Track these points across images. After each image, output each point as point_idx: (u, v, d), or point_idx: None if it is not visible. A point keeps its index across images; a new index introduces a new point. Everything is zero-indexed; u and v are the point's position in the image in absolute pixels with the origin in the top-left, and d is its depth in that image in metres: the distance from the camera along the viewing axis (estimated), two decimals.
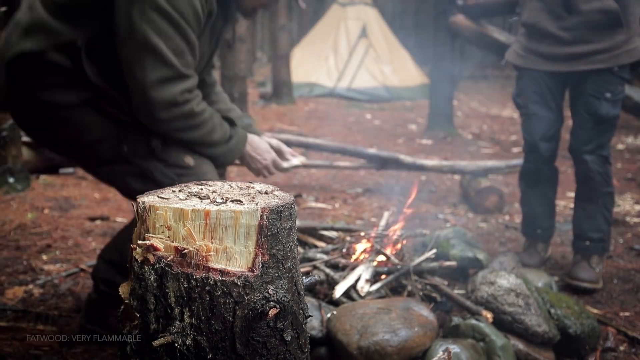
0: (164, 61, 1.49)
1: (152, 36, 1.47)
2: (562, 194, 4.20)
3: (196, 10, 1.53)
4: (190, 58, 1.56)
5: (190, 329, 0.88)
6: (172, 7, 1.47)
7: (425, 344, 1.65)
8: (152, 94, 1.50)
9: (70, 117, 1.60)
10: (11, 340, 1.89)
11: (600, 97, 2.40)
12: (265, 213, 0.90)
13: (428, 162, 4.08)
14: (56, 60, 1.55)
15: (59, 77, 1.58)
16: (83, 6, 1.56)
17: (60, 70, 1.57)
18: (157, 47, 1.48)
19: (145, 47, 1.48)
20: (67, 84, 1.58)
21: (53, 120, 1.62)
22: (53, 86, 1.58)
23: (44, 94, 1.58)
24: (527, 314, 1.80)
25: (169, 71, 1.50)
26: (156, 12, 1.47)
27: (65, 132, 1.64)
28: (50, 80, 1.58)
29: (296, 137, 4.61)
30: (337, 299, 1.85)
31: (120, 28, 1.50)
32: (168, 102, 1.52)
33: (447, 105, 6.85)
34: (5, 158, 3.72)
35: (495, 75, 14.80)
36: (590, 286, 2.45)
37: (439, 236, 2.35)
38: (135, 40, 1.48)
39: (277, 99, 9.31)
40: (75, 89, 1.58)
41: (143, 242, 0.87)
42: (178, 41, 1.51)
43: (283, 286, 0.94)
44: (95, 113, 1.61)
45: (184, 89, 1.53)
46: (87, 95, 1.59)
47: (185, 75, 1.54)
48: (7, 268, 2.53)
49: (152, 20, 1.47)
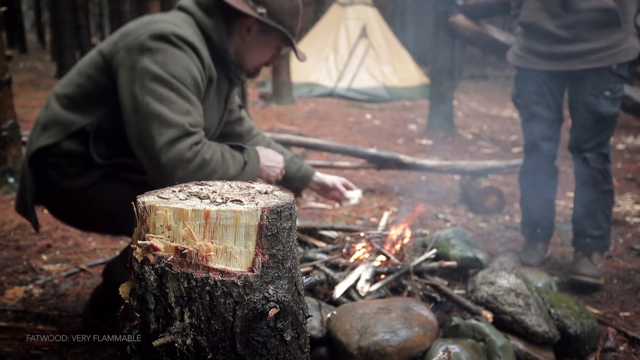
0: (169, 124, 1.51)
1: (154, 104, 1.51)
2: (562, 194, 4.19)
3: (194, 76, 1.57)
4: (197, 117, 1.58)
5: (190, 329, 0.88)
6: (169, 74, 1.52)
7: (425, 344, 1.65)
8: (163, 158, 1.51)
9: (93, 196, 1.69)
10: (11, 340, 1.89)
11: (599, 95, 2.40)
12: (265, 213, 0.90)
13: (428, 162, 4.08)
14: (70, 148, 1.65)
15: (75, 163, 1.67)
16: (91, 94, 1.65)
17: (75, 157, 1.67)
18: (161, 113, 1.51)
19: (149, 116, 1.51)
20: (83, 169, 1.68)
21: (80, 203, 1.71)
22: (72, 174, 1.68)
23: (66, 183, 1.68)
24: (527, 314, 1.80)
25: (175, 131, 1.51)
26: (155, 82, 1.51)
27: (94, 209, 1.71)
28: (68, 169, 1.67)
29: (296, 137, 4.60)
30: (337, 299, 1.85)
31: (125, 107, 1.55)
32: (179, 160, 1.53)
33: (447, 105, 6.85)
34: (5, 158, 3.72)
35: (495, 75, 14.80)
36: (593, 281, 2.45)
37: (439, 236, 2.35)
38: (140, 113, 1.52)
39: (277, 99, 9.31)
40: (90, 171, 1.68)
41: (143, 242, 0.87)
42: (181, 103, 1.54)
43: (283, 286, 0.94)
44: (114, 182, 1.70)
45: (192, 143, 1.54)
46: (102, 173, 1.69)
47: (192, 133, 1.55)
48: (7, 268, 2.53)
49: (152, 90, 1.51)
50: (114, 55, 1.60)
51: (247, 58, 1.78)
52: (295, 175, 2.11)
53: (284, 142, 4.43)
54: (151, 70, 1.51)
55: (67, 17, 11.76)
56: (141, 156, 1.55)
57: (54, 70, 12.30)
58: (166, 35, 1.55)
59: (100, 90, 1.64)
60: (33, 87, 10.19)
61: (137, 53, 1.54)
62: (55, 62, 12.99)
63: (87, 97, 1.66)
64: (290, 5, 1.72)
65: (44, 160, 1.67)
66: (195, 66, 1.58)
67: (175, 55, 1.54)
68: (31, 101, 8.35)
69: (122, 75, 1.56)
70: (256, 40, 1.75)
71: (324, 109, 9.03)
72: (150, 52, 1.53)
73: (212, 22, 1.68)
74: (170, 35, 1.55)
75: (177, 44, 1.56)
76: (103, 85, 1.63)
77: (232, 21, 1.71)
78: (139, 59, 1.53)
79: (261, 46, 1.77)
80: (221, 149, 1.64)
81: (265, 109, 8.76)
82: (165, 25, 1.58)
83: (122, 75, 1.56)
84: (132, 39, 1.57)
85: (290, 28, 1.74)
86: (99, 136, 1.66)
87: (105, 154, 1.68)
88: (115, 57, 1.59)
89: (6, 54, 3.85)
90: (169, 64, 1.53)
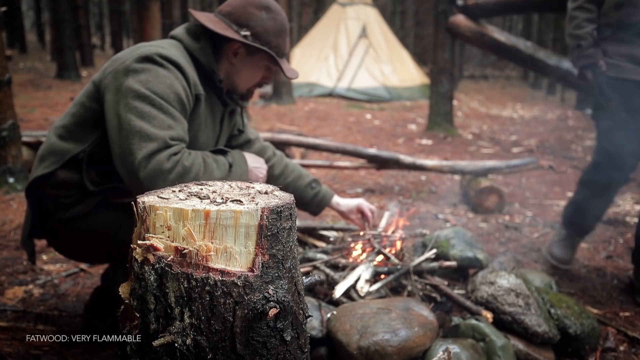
0: (150, 138, 1.50)
1: (135, 121, 1.51)
2: (562, 194, 4.20)
3: (177, 92, 1.57)
4: (180, 132, 1.57)
5: (190, 329, 0.88)
6: (151, 91, 1.53)
7: (425, 344, 1.65)
8: (142, 172, 1.49)
9: (89, 227, 1.69)
10: (11, 340, 1.89)
11: None
12: (265, 213, 0.90)
13: (428, 162, 4.08)
14: (65, 177, 1.67)
15: (72, 193, 1.68)
16: (84, 121, 1.67)
17: (70, 187, 1.67)
18: (142, 128, 1.50)
19: (130, 132, 1.50)
20: (79, 198, 1.69)
21: (77, 233, 1.71)
22: (68, 204, 1.68)
23: (62, 213, 1.68)
24: (527, 314, 1.80)
25: (154, 144, 1.50)
26: (137, 100, 1.52)
27: (91, 240, 1.71)
28: (63, 199, 1.68)
29: (296, 137, 4.60)
30: (337, 299, 1.85)
31: (110, 128, 1.55)
32: (159, 171, 1.51)
33: (447, 105, 6.85)
34: (5, 158, 3.72)
35: (495, 75, 14.80)
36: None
37: (439, 236, 2.35)
38: (123, 130, 1.52)
39: (277, 99, 9.31)
40: (85, 199, 1.69)
41: (143, 242, 0.87)
42: (163, 118, 1.53)
43: (283, 286, 0.94)
44: (107, 209, 1.70)
45: (170, 153, 1.53)
46: (96, 201, 1.69)
47: (172, 145, 1.54)
48: (7, 268, 2.53)
49: (134, 107, 1.51)
50: (102, 80, 1.63)
51: (237, 81, 1.80)
52: (311, 201, 2.16)
53: (284, 142, 4.43)
54: (134, 89, 1.53)
55: (67, 17, 11.76)
56: (124, 174, 1.54)
57: (54, 70, 12.30)
58: (150, 56, 1.57)
59: (92, 117, 1.66)
60: (33, 87, 10.19)
61: (122, 75, 1.56)
62: (55, 62, 12.99)
63: (81, 125, 1.68)
64: (274, 24, 1.73)
65: (42, 191, 1.69)
66: (180, 83, 1.59)
67: (159, 74, 1.56)
68: (31, 101, 8.35)
69: (108, 97, 1.58)
70: (244, 63, 1.77)
71: (324, 109, 9.03)
72: (134, 73, 1.55)
73: (199, 45, 1.71)
74: (154, 55, 1.58)
75: (161, 63, 1.58)
76: (94, 111, 1.65)
77: (220, 46, 1.75)
78: (124, 81, 1.55)
79: (250, 68, 1.78)
80: (202, 155, 1.64)
81: (265, 109, 8.76)
82: (150, 48, 1.61)
83: (108, 98, 1.58)
84: (119, 64, 1.60)
85: (276, 48, 1.75)
86: (91, 162, 1.67)
87: (97, 181, 1.68)
88: (103, 81, 1.62)
89: (6, 54, 3.85)
90: (152, 82, 1.54)
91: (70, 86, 10.63)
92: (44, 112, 7.30)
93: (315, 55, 11.19)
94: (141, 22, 6.24)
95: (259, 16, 1.70)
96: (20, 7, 19.69)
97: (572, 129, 8.06)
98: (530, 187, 4.48)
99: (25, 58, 17.13)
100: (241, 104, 1.89)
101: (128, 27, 26.64)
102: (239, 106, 1.90)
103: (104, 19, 32.17)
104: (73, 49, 12.01)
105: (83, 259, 1.89)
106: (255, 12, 1.70)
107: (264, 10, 1.71)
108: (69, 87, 10.42)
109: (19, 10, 19.01)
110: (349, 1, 11.58)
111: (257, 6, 1.71)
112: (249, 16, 1.70)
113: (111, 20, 20.26)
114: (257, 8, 1.71)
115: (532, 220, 3.61)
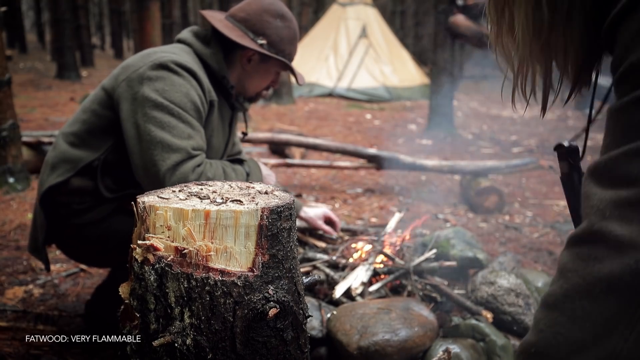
0: (172, 148, 1.52)
1: (156, 131, 1.52)
2: (562, 194, 4.19)
3: (194, 101, 1.59)
4: (199, 141, 1.59)
5: (190, 329, 0.88)
6: (169, 101, 1.54)
7: (425, 344, 1.65)
8: (168, 183, 1.51)
9: (104, 232, 1.70)
10: (11, 340, 1.89)
11: None
12: (265, 213, 0.90)
13: (428, 162, 4.08)
14: (79, 185, 1.68)
15: (85, 200, 1.69)
16: (96, 128, 1.68)
17: (85, 194, 1.68)
18: (163, 139, 1.52)
19: (152, 142, 1.52)
20: (93, 204, 1.69)
21: (92, 238, 1.72)
22: (82, 210, 1.69)
23: (77, 219, 1.69)
24: (527, 314, 1.80)
25: (178, 155, 1.53)
26: (155, 110, 1.53)
27: (107, 244, 1.71)
28: (77, 206, 1.69)
29: (296, 137, 4.60)
30: (337, 299, 1.85)
31: (129, 137, 1.57)
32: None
33: (447, 105, 6.85)
34: (5, 158, 3.72)
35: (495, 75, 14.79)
36: None
37: (439, 236, 2.35)
38: (143, 141, 1.53)
39: (277, 99, 9.31)
40: (100, 206, 1.70)
41: (143, 242, 0.87)
42: (183, 128, 1.55)
43: (283, 286, 0.94)
44: (121, 214, 1.71)
45: (194, 165, 1.56)
46: (111, 207, 1.70)
47: (195, 155, 1.57)
48: (7, 268, 2.53)
49: (153, 117, 1.53)
50: (115, 88, 1.63)
51: (248, 86, 1.83)
52: None
53: (284, 142, 4.43)
54: (151, 98, 1.54)
55: (67, 17, 11.77)
56: (147, 184, 1.56)
57: (54, 70, 12.30)
58: (165, 64, 1.58)
59: (105, 124, 1.67)
60: (33, 87, 10.19)
61: (137, 84, 1.57)
62: (55, 62, 12.99)
63: (93, 132, 1.68)
64: (288, 33, 1.76)
65: (55, 199, 1.69)
66: (195, 91, 1.60)
67: (174, 82, 1.57)
68: (31, 101, 8.35)
69: (125, 106, 1.58)
70: (256, 69, 1.80)
71: (324, 109, 9.03)
72: (150, 81, 1.56)
73: (210, 51, 1.73)
74: (168, 62, 1.58)
75: (176, 71, 1.59)
76: (107, 118, 1.66)
77: (232, 52, 1.76)
78: (140, 89, 1.56)
79: (262, 74, 1.82)
80: (222, 165, 1.67)
81: (265, 109, 8.76)
82: (163, 54, 1.62)
83: (125, 107, 1.58)
84: (133, 71, 1.60)
85: (289, 55, 1.79)
86: (106, 170, 1.68)
87: (113, 188, 1.69)
88: (117, 89, 1.62)
89: (6, 54, 3.85)
90: (168, 91, 1.55)
91: (70, 86, 10.63)
92: (44, 112, 7.30)
93: (315, 55, 11.18)
94: (141, 22, 6.24)
95: (275, 24, 1.73)
96: (20, 7, 19.69)
97: (572, 129, 8.06)
98: (530, 187, 4.48)
99: (25, 58, 17.13)
100: (246, 107, 1.91)
101: (128, 27, 26.65)
102: (244, 109, 1.92)
103: (104, 19, 32.17)
104: (73, 49, 12.02)
105: (96, 263, 1.90)
106: (271, 21, 1.73)
107: (279, 19, 1.74)
108: (69, 87, 10.42)
109: (19, 10, 19.01)
110: (349, 1, 11.58)
111: (272, 14, 1.74)
112: (265, 24, 1.73)
113: (111, 20, 20.27)
114: (273, 16, 1.74)
115: (532, 220, 3.60)
